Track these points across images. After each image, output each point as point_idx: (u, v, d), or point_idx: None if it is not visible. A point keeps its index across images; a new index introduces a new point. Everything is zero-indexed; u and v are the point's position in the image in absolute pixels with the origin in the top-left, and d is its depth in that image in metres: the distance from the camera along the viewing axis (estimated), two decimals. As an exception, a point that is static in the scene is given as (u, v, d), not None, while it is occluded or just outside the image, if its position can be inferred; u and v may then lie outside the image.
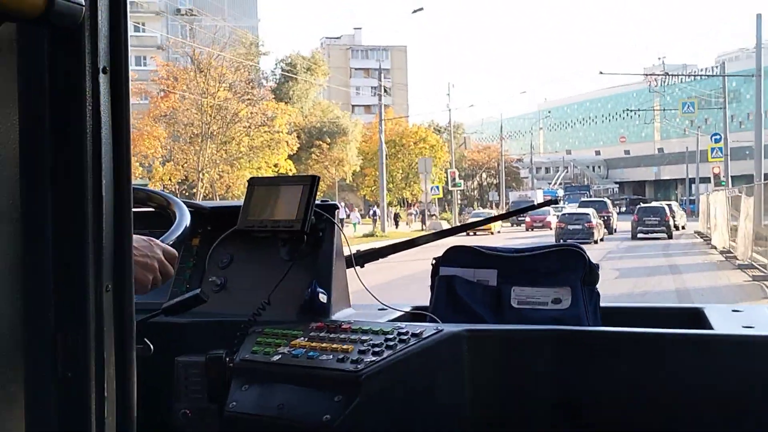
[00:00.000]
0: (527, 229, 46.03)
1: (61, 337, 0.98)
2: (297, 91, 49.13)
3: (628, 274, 18.72)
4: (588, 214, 34.03)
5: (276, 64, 50.37)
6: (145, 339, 1.49)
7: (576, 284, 2.14)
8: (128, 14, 1.04)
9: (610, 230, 40.00)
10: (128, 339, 1.04)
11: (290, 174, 33.81)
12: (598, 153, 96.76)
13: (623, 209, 75.64)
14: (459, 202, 63.69)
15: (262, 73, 48.80)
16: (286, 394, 1.83)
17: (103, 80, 0.99)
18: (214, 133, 34.94)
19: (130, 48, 1.05)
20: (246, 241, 2.18)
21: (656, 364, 1.86)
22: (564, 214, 35.00)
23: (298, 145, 43.03)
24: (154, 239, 1.65)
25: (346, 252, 2.26)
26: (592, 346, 1.94)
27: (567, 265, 2.17)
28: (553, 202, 4.25)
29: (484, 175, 77.31)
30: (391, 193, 56.15)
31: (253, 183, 2.19)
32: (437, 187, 44.23)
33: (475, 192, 76.50)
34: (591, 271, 2.16)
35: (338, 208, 2.22)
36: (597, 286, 2.17)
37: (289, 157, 43.08)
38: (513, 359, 1.95)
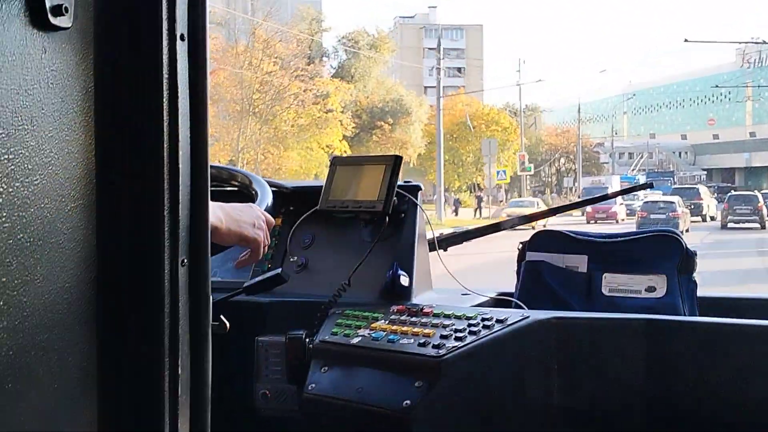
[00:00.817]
0: (588, 221, 38.40)
1: (135, 311, 0.99)
2: (359, 68, 45.84)
3: (710, 281, 14.11)
4: (673, 202, 32.96)
5: (338, 41, 46.93)
6: (221, 317, 1.45)
7: (672, 272, 2.07)
8: None
9: (704, 218, 38.84)
10: (204, 315, 1.03)
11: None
12: (684, 137, 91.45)
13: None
14: (532, 187, 59.59)
15: (323, 50, 45.62)
16: (365, 378, 1.82)
17: (181, 48, 0.98)
18: (257, 109, 31.88)
19: (208, 14, 1.03)
20: (327, 222, 2.19)
21: (760, 358, 1.78)
22: (647, 203, 33.76)
23: (354, 125, 39.93)
24: (252, 204, 1.67)
25: (429, 235, 2.21)
26: (689, 337, 1.85)
27: (662, 251, 2.09)
28: (648, 186, 3.72)
29: (562, 161, 72.99)
30: (461, 178, 52.97)
31: (335, 162, 2.19)
32: (504, 172, 40.38)
33: (554, 178, 72.43)
34: (688, 259, 2.08)
35: (421, 189, 2.19)
36: (695, 274, 2.07)
37: (349, 138, 40.21)
38: (604, 349, 1.88)
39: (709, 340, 1.84)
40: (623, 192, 3.23)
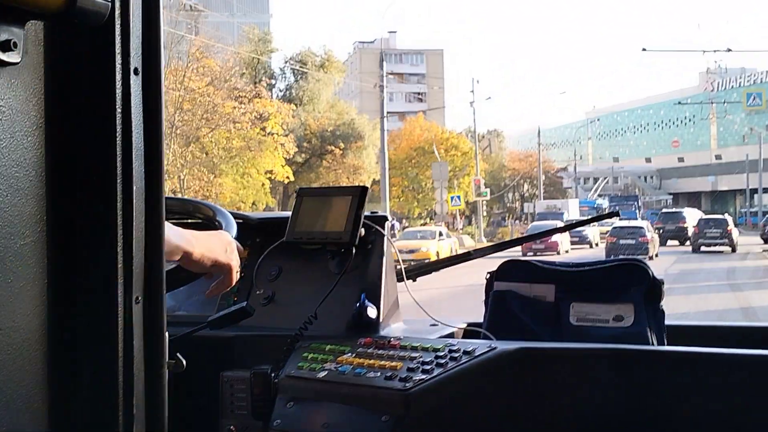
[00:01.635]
0: (524, 254, 29.49)
1: (88, 351, 0.96)
2: (308, 91, 42.91)
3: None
4: (642, 227, 32.86)
5: (285, 62, 44.06)
6: (178, 354, 1.42)
7: (639, 301, 2.07)
8: (161, 11, 1.01)
9: (682, 242, 38.85)
10: (159, 354, 1.01)
11: (284, 183, 29.02)
12: (648, 161, 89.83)
13: None
14: (495, 213, 57.11)
15: (270, 71, 42.75)
16: (332, 413, 1.81)
17: (135, 82, 0.97)
18: (179, 130, 28.71)
19: (163, 48, 1.02)
20: (294, 253, 2.18)
21: (728, 387, 1.79)
22: (615, 227, 33.23)
23: (303, 149, 36.92)
24: (221, 231, 1.68)
25: (396, 266, 2.22)
26: (658, 366, 1.87)
27: (629, 280, 2.09)
28: (613, 214, 4.03)
29: (526, 186, 70.83)
30: (420, 204, 50.38)
31: (302, 194, 2.21)
32: (458, 198, 37.50)
33: (517, 203, 70.29)
34: (655, 287, 2.08)
35: (388, 219, 2.19)
36: (662, 303, 2.09)
37: (299, 163, 38.71)
38: (572, 379, 1.88)
39: (677, 369, 1.85)
40: (590, 221, 3.08)
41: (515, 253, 22.82)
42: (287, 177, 37.20)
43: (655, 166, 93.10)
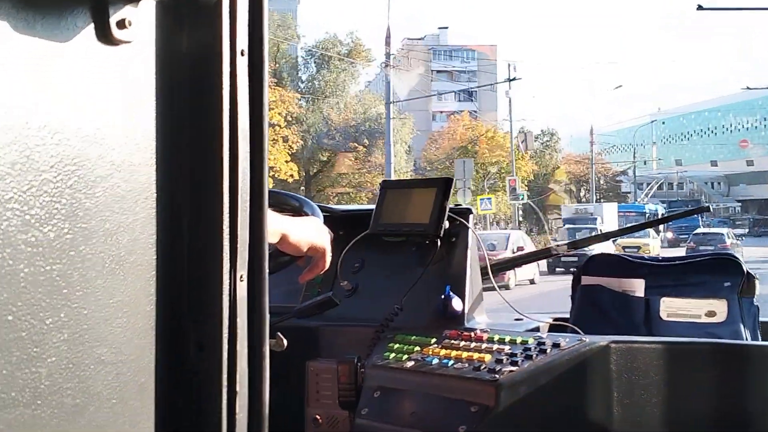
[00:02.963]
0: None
1: (193, 326, 0.98)
2: (330, 82, 38.38)
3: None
4: (722, 234, 32.96)
5: (306, 51, 39.60)
6: (279, 333, 1.49)
7: (732, 296, 2.05)
8: None
9: None
10: (262, 331, 1.03)
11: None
12: (714, 164, 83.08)
13: (746, 230, 69.32)
14: (537, 220, 51.90)
15: (291, 61, 38.48)
16: (419, 402, 1.84)
17: (242, 63, 0.98)
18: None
19: (266, 30, 1.04)
20: (378, 246, 2.23)
21: None
22: (696, 234, 33.72)
23: (327, 145, 38.00)
24: (311, 217, 1.78)
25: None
26: (754, 362, 1.86)
27: (722, 275, 2.08)
28: (704, 209, 4.11)
29: (582, 191, 65.49)
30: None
31: (386, 186, 2.26)
32: (489, 200, 32.37)
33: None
34: (749, 282, 2.06)
35: (472, 212, 2.22)
36: (755, 297, 2.08)
37: (322, 161, 38.28)
38: (664, 374, 1.86)
39: None
40: (675, 217, 3.15)
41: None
42: (291, 175, 32.70)
43: (722, 171, 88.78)
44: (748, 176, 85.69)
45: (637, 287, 2.15)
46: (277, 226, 1.54)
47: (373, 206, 2.24)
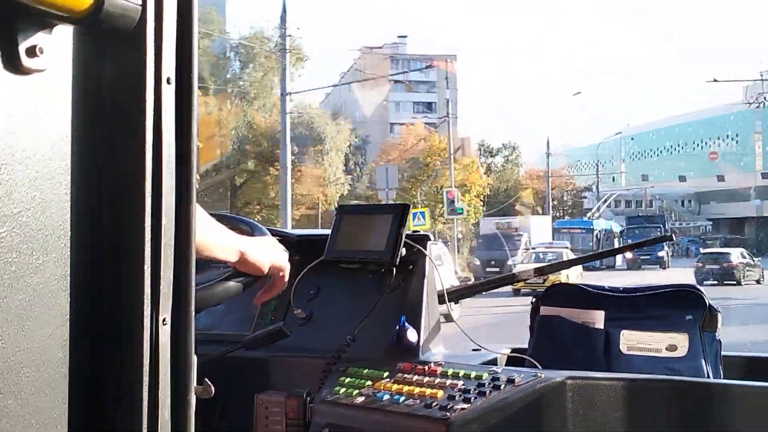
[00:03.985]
0: None
1: (112, 374, 0.92)
2: (256, 83, 34.12)
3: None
4: (728, 254, 32.90)
5: (230, 47, 35.18)
6: (206, 379, 1.39)
7: (694, 330, 2.01)
8: (195, 17, 0.97)
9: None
10: (187, 379, 0.96)
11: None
12: (682, 179, 79.07)
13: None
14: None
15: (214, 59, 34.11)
16: None
17: (167, 91, 0.93)
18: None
19: (196, 56, 0.98)
20: (334, 272, 2.18)
21: None
22: (704, 254, 34.21)
23: (252, 154, 35.37)
24: (263, 236, 1.74)
25: (438, 287, 2.20)
26: (715, 400, 1.83)
27: (683, 307, 2.05)
28: (666, 238, 3.72)
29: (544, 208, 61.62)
30: (409, 222, 40.28)
31: (342, 211, 2.21)
32: (423, 214, 27.59)
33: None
34: (711, 316, 2.03)
35: (430, 239, 2.17)
36: (718, 332, 2.06)
37: (249, 171, 35.37)
38: (622, 412, 1.82)
39: (734, 403, 1.82)
40: (639, 245, 4.40)
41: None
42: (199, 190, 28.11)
43: (693, 189, 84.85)
44: (720, 194, 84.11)
45: (597, 319, 2.11)
46: (234, 244, 1.51)
47: (328, 231, 2.21)
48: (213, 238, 1.45)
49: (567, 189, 65.47)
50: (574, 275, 25.56)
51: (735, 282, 32.79)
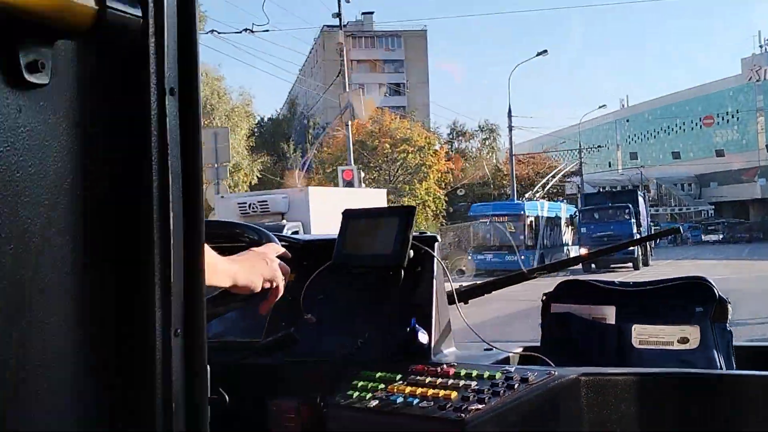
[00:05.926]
0: None
1: (125, 387, 0.92)
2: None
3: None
4: None
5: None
6: (220, 389, 1.47)
7: (704, 322, 2.03)
8: (197, 28, 0.98)
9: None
10: (200, 389, 0.96)
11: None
12: (676, 156, 72.20)
13: (720, 236, 61.26)
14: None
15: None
16: None
17: (171, 103, 0.92)
18: None
19: (199, 66, 0.99)
20: (342, 276, 2.19)
21: None
22: None
23: None
24: (254, 249, 1.72)
25: (448, 287, 2.23)
26: (728, 392, 1.83)
27: (693, 299, 2.05)
28: (674, 231, 3.73)
29: (527, 194, 53.94)
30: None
31: (348, 215, 2.22)
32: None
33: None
34: (721, 307, 2.04)
35: (438, 240, 2.16)
36: (728, 322, 2.10)
37: None
38: (636, 407, 1.84)
39: (747, 394, 1.83)
40: (651, 237, 4.14)
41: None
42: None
43: (693, 171, 79.32)
44: (720, 176, 79.87)
45: (608, 314, 2.13)
46: (224, 269, 1.52)
47: (335, 236, 2.26)
48: None
49: (540, 172, 57.28)
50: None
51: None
